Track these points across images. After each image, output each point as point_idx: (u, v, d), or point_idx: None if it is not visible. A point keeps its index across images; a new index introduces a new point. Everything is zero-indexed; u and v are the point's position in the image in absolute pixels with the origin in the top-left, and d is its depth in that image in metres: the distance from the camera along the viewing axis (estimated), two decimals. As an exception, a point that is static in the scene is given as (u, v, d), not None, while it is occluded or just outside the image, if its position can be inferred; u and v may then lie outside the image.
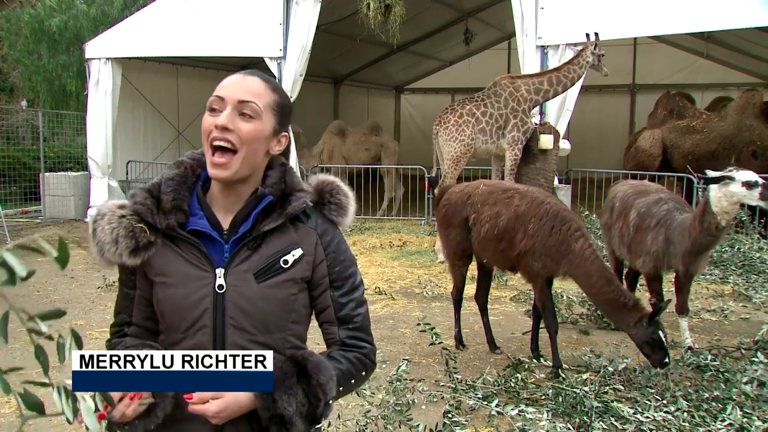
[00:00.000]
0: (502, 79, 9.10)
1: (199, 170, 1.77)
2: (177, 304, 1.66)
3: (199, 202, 1.72)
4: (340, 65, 18.01)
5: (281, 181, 1.74)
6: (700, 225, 4.86)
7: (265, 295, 1.66)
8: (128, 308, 1.76)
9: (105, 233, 1.65)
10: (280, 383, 1.57)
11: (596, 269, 4.69)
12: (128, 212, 1.67)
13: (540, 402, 4.20)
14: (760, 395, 4.11)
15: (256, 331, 1.66)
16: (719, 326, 6.27)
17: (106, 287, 7.38)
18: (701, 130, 11.13)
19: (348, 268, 1.78)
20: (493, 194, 5.17)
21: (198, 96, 15.10)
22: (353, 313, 1.77)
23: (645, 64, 18.07)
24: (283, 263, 1.68)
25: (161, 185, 1.71)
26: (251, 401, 1.57)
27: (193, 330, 1.66)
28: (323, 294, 1.75)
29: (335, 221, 1.79)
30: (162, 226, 1.66)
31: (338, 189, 1.81)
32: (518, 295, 7.19)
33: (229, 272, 1.66)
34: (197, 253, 1.67)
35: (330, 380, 1.63)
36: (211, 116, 1.67)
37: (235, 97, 1.66)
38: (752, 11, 8.95)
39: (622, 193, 5.87)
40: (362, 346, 1.77)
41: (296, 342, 1.74)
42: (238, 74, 1.72)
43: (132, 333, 1.75)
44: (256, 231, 1.68)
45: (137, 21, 12.36)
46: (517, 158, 8.97)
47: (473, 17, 16.97)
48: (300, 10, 11.01)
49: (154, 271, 1.69)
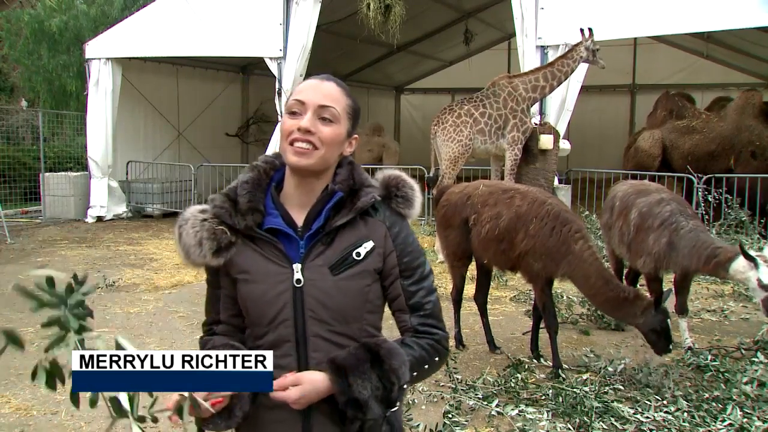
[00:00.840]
0: (500, 79, 9.10)
1: (272, 173, 1.87)
2: (259, 300, 1.76)
3: (274, 202, 1.81)
4: (341, 65, 18.00)
5: (350, 177, 1.82)
6: (713, 268, 4.92)
7: (340, 287, 1.75)
8: (215, 307, 1.86)
9: (189, 237, 1.76)
10: (354, 368, 1.67)
11: (594, 270, 4.68)
12: (209, 215, 1.78)
13: (540, 402, 4.20)
14: (761, 395, 4.11)
15: (335, 322, 1.75)
16: (719, 326, 6.27)
17: (106, 287, 7.38)
18: (701, 131, 11.13)
19: (417, 257, 1.86)
20: (493, 195, 5.17)
21: (198, 96, 15.13)
22: (423, 300, 1.84)
23: (645, 64, 18.07)
24: (355, 256, 1.76)
25: (237, 188, 1.81)
26: (328, 387, 1.66)
27: (275, 323, 1.75)
28: (394, 283, 1.83)
29: (403, 213, 1.87)
30: (240, 226, 1.76)
31: (404, 182, 1.89)
32: (518, 296, 7.19)
33: (306, 267, 1.75)
34: (275, 250, 1.76)
35: (403, 365, 1.71)
36: (292, 119, 1.75)
37: (316, 102, 1.74)
38: (752, 11, 8.95)
39: (622, 193, 5.86)
40: (434, 332, 1.84)
41: (372, 331, 1.82)
42: (314, 79, 1.80)
43: (220, 331, 1.86)
44: (329, 226, 1.76)
45: (137, 21, 12.37)
46: (517, 158, 8.97)
47: (473, 17, 16.97)
48: (300, 10, 11.01)
49: (236, 269, 1.78)
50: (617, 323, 6.10)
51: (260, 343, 1.77)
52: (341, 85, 1.82)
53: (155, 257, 9.25)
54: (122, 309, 6.64)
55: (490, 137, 8.94)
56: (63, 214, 12.74)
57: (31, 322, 6.16)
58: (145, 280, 7.84)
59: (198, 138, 15.17)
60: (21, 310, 6.54)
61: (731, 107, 11.29)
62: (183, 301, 6.94)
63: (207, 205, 1.82)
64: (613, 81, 17.94)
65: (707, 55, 16.48)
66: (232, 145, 16.25)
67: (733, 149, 10.79)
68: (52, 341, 1.36)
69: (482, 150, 9.07)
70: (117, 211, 12.84)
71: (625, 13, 9.36)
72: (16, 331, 1.31)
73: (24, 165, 14.32)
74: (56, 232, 11.42)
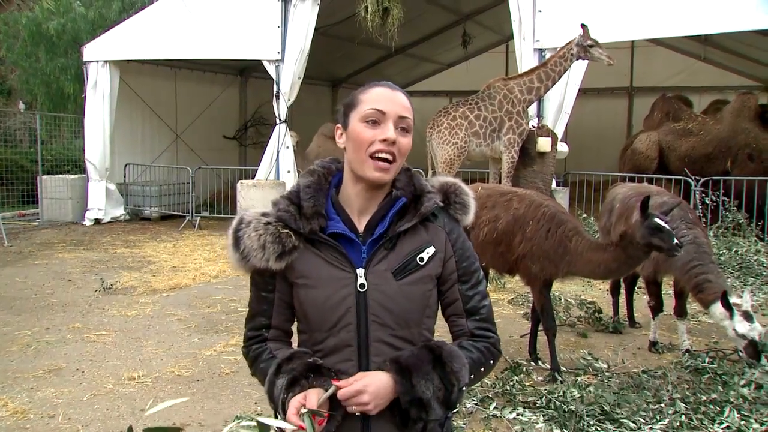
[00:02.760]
0: (495, 81, 9.11)
1: (330, 177, 1.87)
2: (321, 304, 1.76)
3: (335, 206, 1.82)
4: (338, 68, 18.02)
5: (410, 183, 1.84)
6: (696, 298, 5.10)
7: (404, 292, 1.76)
8: (267, 311, 1.85)
9: (252, 240, 1.76)
10: (417, 369, 1.69)
11: (593, 256, 4.65)
12: (273, 219, 1.78)
13: (537, 405, 4.20)
14: (758, 398, 4.12)
15: (397, 326, 1.76)
16: (717, 329, 6.26)
17: (104, 290, 7.37)
18: (697, 133, 11.16)
19: (473, 263, 1.88)
20: (491, 197, 5.17)
21: (196, 99, 15.13)
22: (479, 305, 1.87)
23: (643, 67, 18.09)
24: (419, 261, 1.78)
25: (299, 192, 1.81)
26: (392, 387, 1.67)
27: (337, 328, 1.75)
28: (452, 288, 1.85)
29: (459, 219, 1.89)
30: (305, 230, 1.76)
31: (461, 189, 1.92)
32: (516, 298, 7.19)
33: (369, 272, 1.75)
34: (338, 254, 1.76)
35: (463, 367, 1.73)
36: (371, 128, 1.75)
37: (397, 113, 1.76)
38: (749, 14, 8.97)
39: (622, 195, 5.86)
40: (489, 336, 1.87)
41: (428, 335, 1.83)
42: (385, 88, 1.80)
43: (273, 336, 1.86)
44: (392, 231, 1.78)
45: (135, 24, 12.37)
46: (514, 160, 8.97)
47: (471, 20, 16.99)
48: (298, 13, 11.03)
49: (296, 273, 1.78)
50: (614, 326, 6.12)
51: (320, 347, 1.78)
52: (406, 93, 1.83)
53: (153, 260, 9.24)
54: (120, 312, 6.63)
55: (485, 140, 8.94)
56: (60, 217, 12.72)
57: (27, 325, 6.16)
58: (142, 283, 7.83)
59: (196, 141, 15.16)
60: (18, 313, 6.53)
61: (727, 110, 11.33)
62: (181, 304, 6.93)
63: (267, 209, 1.83)
64: (610, 83, 17.96)
65: (704, 58, 16.50)
66: (230, 148, 16.24)
67: (729, 152, 10.81)
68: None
69: (477, 152, 9.07)
70: (115, 214, 12.83)
71: (622, 16, 9.38)
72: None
73: (21, 168, 14.31)
74: (54, 234, 11.41)
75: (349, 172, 1.83)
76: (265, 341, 1.86)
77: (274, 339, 1.87)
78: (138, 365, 5.18)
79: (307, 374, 1.70)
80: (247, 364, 1.91)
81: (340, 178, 1.87)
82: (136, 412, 4.32)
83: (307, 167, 1.95)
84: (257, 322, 1.87)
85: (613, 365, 5.06)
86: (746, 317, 4.77)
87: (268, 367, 1.78)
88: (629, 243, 4.47)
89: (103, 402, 4.48)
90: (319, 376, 1.70)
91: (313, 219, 1.77)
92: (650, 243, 4.38)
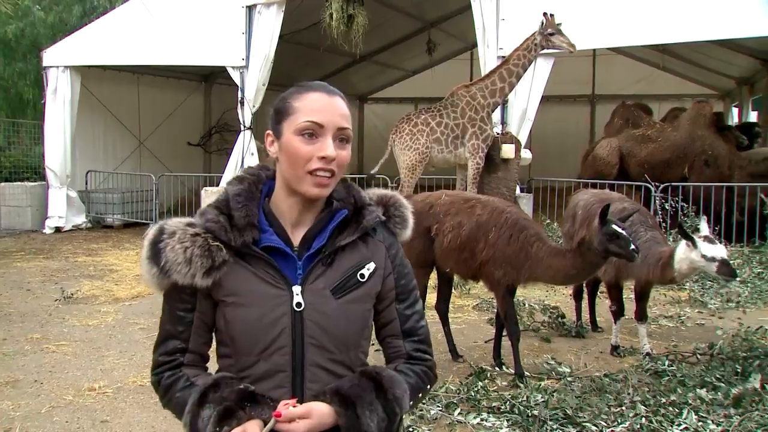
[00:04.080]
0: (458, 89, 9.19)
1: (261, 186, 1.72)
2: (252, 325, 1.60)
3: (267, 217, 1.67)
4: (304, 75, 17.88)
5: (350, 195, 1.72)
6: (661, 272, 5.08)
7: (345, 311, 1.64)
8: (183, 333, 1.66)
9: (176, 253, 1.58)
10: (361, 399, 1.57)
11: (553, 261, 4.72)
12: (201, 230, 1.61)
13: (501, 410, 4.24)
14: (715, 399, 4.21)
15: (336, 350, 1.64)
16: (676, 332, 6.40)
17: (64, 299, 7.23)
18: (656, 140, 11.40)
19: (411, 280, 1.80)
20: (455, 204, 5.21)
21: (160, 105, 14.97)
22: (417, 325, 1.78)
23: (604, 75, 18.44)
24: (359, 277, 1.67)
25: (229, 201, 1.65)
26: (334, 419, 1.56)
27: (269, 351, 1.60)
28: (389, 307, 1.75)
29: (398, 233, 1.80)
30: (237, 243, 1.60)
31: (400, 202, 1.83)
32: (481, 304, 7.24)
33: (306, 289, 1.62)
34: (271, 270, 1.62)
35: (405, 394, 1.64)
36: (308, 143, 1.60)
37: (336, 125, 1.61)
38: (706, 25, 9.20)
39: (584, 202, 5.94)
40: (426, 358, 1.78)
41: (363, 358, 1.72)
42: (324, 94, 1.64)
43: (189, 361, 1.67)
44: (331, 246, 1.65)
45: (97, 29, 12.20)
46: (479, 167, 9.05)
47: (436, 28, 17.11)
48: (262, 20, 10.99)
49: (224, 291, 1.61)
50: (577, 331, 6.20)
51: (247, 373, 1.62)
52: (343, 96, 1.68)
53: (115, 268, 9.09)
54: (81, 322, 6.51)
55: (447, 146, 9.03)
56: (19, 225, 12.47)
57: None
58: (104, 292, 7.70)
59: (159, 147, 14.98)
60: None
61: (684, 117, 11.59)
62: (143, 313, 6.83)
63: (192, 218, 1.66)
64: (573, 91, 18.28)
65: (663, 67, 16.88)
66: (194, 155, 16.09)
67: (686, 158, 11.06)
68: None
69: (440, 159, 9.16)
70: (76, 222, 12.61)
71: (584, 25, 9.52)
72: None
73: (-21, 175, 13.98)
74: (12, 243, 11.16)
75: (282, 183, 1.68)
76: (179, 367, 1.66)
77: (191, 365, 1.67)
78: (99, 376, 5.09)
79: (243, 403, 1.53)
80: (158, 394, 1.69)
81: (271, 187, 1.73)
82: (96, 423, 4.24)
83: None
84: (171, 346, 1.66)
85: (575, 369, 5.12)
86: (709, 241, 4.89)
87: (186, 396, 1.59)
88: (587, 249, 4.56)
89: (63, 414, 4.39)
90: (255, 406, 1.54)
91: (246, 231, 1.61)
92: (608, 249, 4.47)
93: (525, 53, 8.75)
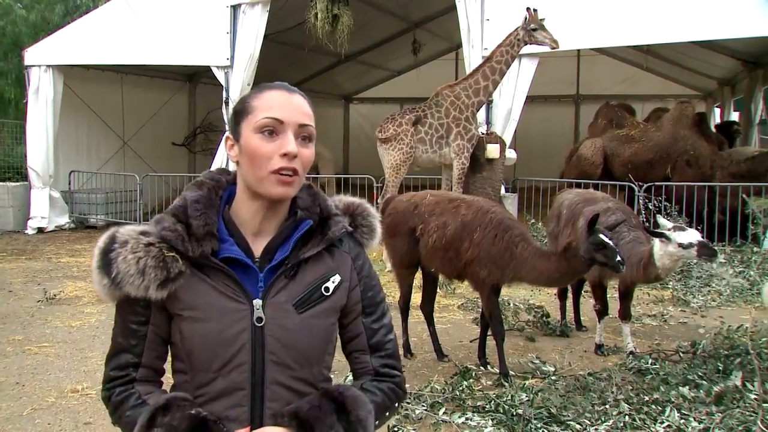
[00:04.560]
0: (442, 89, 9.20)
1: (221, 191, 1.63)
2: (210, 340, 1.52)
3: (227, 226, 1.58)
4: (288, 75, 17.88)
5: (315, 204, 1.65)
6: (643, 271, 5.11)
7: (308, 326, 1.57)
8: (136, 347, 1.58)
9: (128, 263, 1.49)
10: (320, 422, 1.50)
11: (537, 263, 4.74)
12: (155, 239, 1.52)
13: (486, 409, 4.25)
14: (697, 397, 4.24)
15: (297, 366, 1.57)
16: (659, 331, 6.45)
17: (47, 300, 7.17)
18: (639, 140, 11.49)
19: (379, 293, 1.73)
20: (440, 204, 5.23)
21: (144, 105, 14.87)
22: (385, 339, 1.71)
23: (588, 76, 18.54)
24: (324, 291, 1.60)
25: (187, 208, 1.56)
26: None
27: (227, 368, 1.53)
28: (355, 321, 1.68)
29: (365, 244, 1.74)
30: (195, 254, 1.52)
31: (368, 211, 1.76)
32: (466, 303, 7.26)
33: (267, 303, 1.55)
34: (231, 283, 1.54)
35: (369, 415, 1.56)
36: (268, 141, 1.52)
37: (296, 121, 1.55)
38: (689, 26, 9.29)
39: (568, 202, 5.98)
40: (394, 374, 1.71)
41: (326, 374, 1.66)
42: (281, 91, 1.58)
43: (142, 377, 1.60)
44: (295, 258, 1.58)
45: (80, 28, 12.10)
46: (464, 167, 9.06)
47: (421, 28, 17.12)
48: (247, 19, 10.94)
49: (180, 304, 1.54)
50: (562, 330, 6.23)
51: (204, 391, 1.55)
52: (305, 95, 1.63)
53: (98, 269, 9.01)
54: (64, 323, 6.46)
55: (432, 146, 9.05)
56: (1, 226, 12.33)
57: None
58: (87, 293, 7.64)
59: (144, 147, 14.88)
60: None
61: (667, 118, 11.69)
62: (127, 314, 6.78)
63: (147, 226, 1.57)
64: (557, 91, 18.38)
65: (647, 68, 17.00)
66: (178, 155, 16.00)
67: (669, 158, 11.15)
68: None
69: (425, 159, 9.17)
70: (59, 222, 12.51)
71: (568, 26, 9.58)
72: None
73: (-40, 175, 13.81)
74: (-6, 244, 11.05)
75: (244, 187, 1.59)
76: (131, 383, 1.59)
77: (144, 380, 1.60)
78: (82, 377, 5.05)
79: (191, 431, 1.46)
80: (108, 410, 1.61)
81: (232, 193, 1.64)
82: (79, 425, 4.21)
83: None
84: (123, 360, 1.59)
85: (560, 368, 5.15)
86: (679, 230, 4.96)
87: (136, 416, 1.51)
88: (573, 255, 4.60)
89: (45, 416, 4.36)
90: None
91: (204, 240, 1.53)
92: (593, 258, 4.52)
93: (508, 49, 8.74)
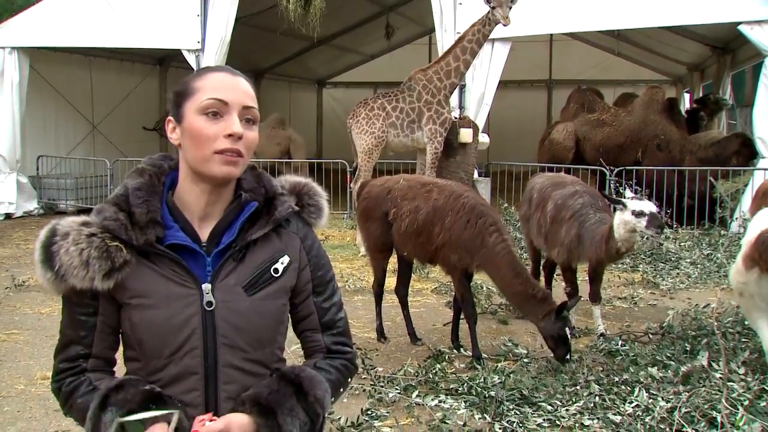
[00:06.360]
0: (415, 73, 9.18)
1: (163, 177, 1.63)
2: (160, 327, 1.53)
3: (171, 212, 1.58)
4: (261, 58, 17.75)
5: (260, 185, 1.65)
6: (605, 246, 5.15)
7: (258, 308, 1.58)
8: (86, 338, 1.57)
9: (71, 256, 1.48)
10: (281, 405, 1.52)
11: (506, 263, 4.78)
12: (97, 230, 1.51)
13: (459, 392, 4.29)
14: (665, 377, 4.33)
15: (250, 348, 1.59)
16: (629, 313, 6.55)
17: (15, 287, 7.06)
18: (611, 124, 11.62)
19: (328, 271, 1.75)
20: (412, 189, 5.23)
21: (113, 89, 14.62)
22: (336, 317, 1.74)
23: (561, 60, 18.64)
24: (273, 272, 1.61)
25: (129, 197, 1.55)
26: (255, 430, 1.51)
27: (180, 354, 1.54)
28: (306, 300, 1.70)
29: (313, 223, 1.74)
30: (139, 242, 1.52)
31: (314, 190, 1.76)
32: (439, 287, 7.30)
33: (216, 287, 1.56)
34: (178, 269, 1.54)
35: (326, 393, 1.60)
36: (212, 122, 1.52)
37: (240, 102, 1.55)
38: (660, 11, 9.38)
39: (539, 185, 6.04)
40: (346, 351, 1.75)
41: (280, 354, 1.68)
42: (225, 73, 1.59)
43: (93, 367, 1.59)
44: (242, 240, 1.58)
45: (46, 9, 11.82)
46: (437, 152, 9.07)
47: (394, 12, 17.05)
48: (218, 2, 10.80)
49: (128, 293, 1.54)
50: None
51: (158, 377, 1.55)
52: (248, 78, 1.63)
53: (68, 256, 8.89)
54: (33, 310, 6.37)
55: (403, 130, 9.04)
56: (-33, 212, 12.09)
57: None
58: (57, 280, 7.53)
59: (114, 132, 14.65)
60: None
61: (637, 102, 11.82)
62: (98, 301, 6.71)
63: (88, 217, 1.56)
64: (530, 76, 18.47)
65: (618, 53, 17.12)
66: (149, 139, 15.76)
67: (640, 142, 11.29)
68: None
69: (397, 143, 9.16)
70: (27, 208, 12.29)
71: (541, 10, 9.61)
72: None
73: (-77, 160, 13.49)
74: (-40, 231, 10.84)
75: (187, 171, 1.58)
76: (82, 373, 1.58)
77: (95, 370, 1.59)
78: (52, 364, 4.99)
79: (147, 405, 1.47)
80: (59, 402, 1.61)
81: (174, 178, 1.63)
82: (50, 413, 4.16)
83: None
84: (72, 352, 1.58)
85: (532, 351, 5.21)
86: (636, 199, 5.07)
87: (88, 401, 1.51)
88: (535, 305, 4.69)
89: (14, 404, 4.31)
90: (162, 406, 1.48)
91: (148, 228, 1.52)
92: (547, 338, 4.64)
93: (480, 28, 8.66)
